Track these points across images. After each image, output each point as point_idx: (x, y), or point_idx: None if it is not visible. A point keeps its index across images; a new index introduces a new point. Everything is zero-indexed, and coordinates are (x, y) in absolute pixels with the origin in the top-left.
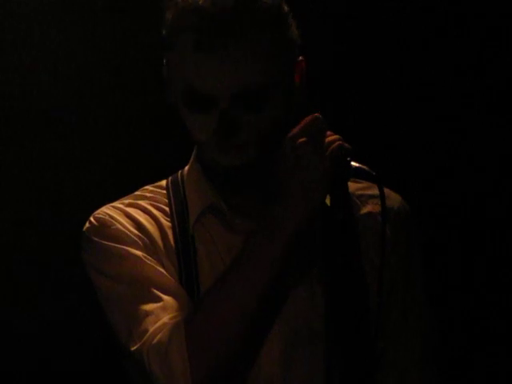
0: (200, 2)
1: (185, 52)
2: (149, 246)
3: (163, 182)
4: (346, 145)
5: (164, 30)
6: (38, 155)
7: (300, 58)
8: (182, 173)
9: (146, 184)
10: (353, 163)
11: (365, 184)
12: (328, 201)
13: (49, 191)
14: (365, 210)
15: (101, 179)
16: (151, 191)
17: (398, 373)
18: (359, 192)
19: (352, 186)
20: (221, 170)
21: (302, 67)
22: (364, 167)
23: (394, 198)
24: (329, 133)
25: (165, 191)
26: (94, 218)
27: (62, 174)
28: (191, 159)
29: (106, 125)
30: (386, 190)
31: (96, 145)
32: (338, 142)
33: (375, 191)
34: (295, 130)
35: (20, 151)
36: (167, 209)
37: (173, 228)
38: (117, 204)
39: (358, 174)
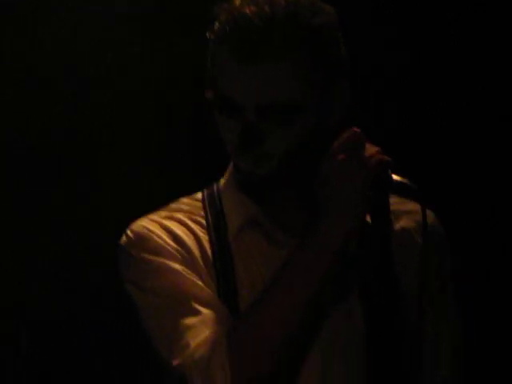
0: (242, 11)
1: (221, 59)
2: (187, 258)
3: (199, 195)
4: (386, 157)
5: (212, 35)
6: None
7: (344, 79)
8: (217, 185)
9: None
10: (394, 177)
11: (398, 199)
12: (368, 217)
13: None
14: (398, 225)
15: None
16: (187, 203)
17: None
18: (393, 207)
19: None
20: (245, 175)
21: (346, 89)
22: (405, 181)
23: (428, 216)
24: (368, 145)
25: (201, 203)
26: (131, 232)
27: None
28: (228, 170)
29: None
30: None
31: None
32: (377, 156)
33: (409, 206)
34: (334, 146)
35: None
36: (204, 221)
37: (210, 241)
38: (153, 216)
39: (398, 188)
